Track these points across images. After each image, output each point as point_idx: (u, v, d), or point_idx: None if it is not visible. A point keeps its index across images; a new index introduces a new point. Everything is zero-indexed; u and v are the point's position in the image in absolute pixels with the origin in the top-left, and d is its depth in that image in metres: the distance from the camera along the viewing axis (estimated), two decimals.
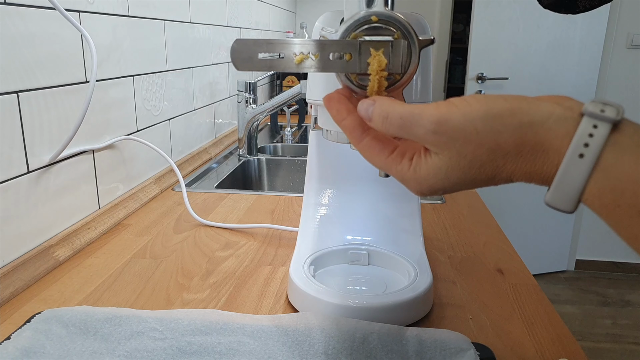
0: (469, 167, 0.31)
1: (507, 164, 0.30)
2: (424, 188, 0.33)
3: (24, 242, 0.63)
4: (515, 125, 0.29)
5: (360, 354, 0.46)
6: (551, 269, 2.72)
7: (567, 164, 0.27)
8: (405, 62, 0.37)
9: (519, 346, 0.51)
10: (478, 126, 0.30)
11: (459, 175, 0.31)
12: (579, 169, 0.27)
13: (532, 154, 0.29)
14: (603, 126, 0.27)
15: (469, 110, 0.30)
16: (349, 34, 0.37)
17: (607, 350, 2.06)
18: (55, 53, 0.67)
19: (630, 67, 2.49)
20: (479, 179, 0.31)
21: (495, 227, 0.82)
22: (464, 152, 0.30)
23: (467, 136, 0.30)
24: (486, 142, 0.30)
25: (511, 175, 0.30)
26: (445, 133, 0.31)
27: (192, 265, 0.68)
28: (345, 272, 0.62)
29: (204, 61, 1.25)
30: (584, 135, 0.27)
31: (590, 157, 0.27)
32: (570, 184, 0.28)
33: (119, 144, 0.85)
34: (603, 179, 0.27)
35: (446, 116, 0.31)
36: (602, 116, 0.27)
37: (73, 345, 0.47)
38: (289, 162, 1.34)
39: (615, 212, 0.26)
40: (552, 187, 0.28)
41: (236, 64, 0.37)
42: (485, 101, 0.30)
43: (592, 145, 0.27)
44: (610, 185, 0.26)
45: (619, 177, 0.26)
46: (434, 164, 0.32)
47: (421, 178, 0.33)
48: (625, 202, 0.26)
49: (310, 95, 0.53)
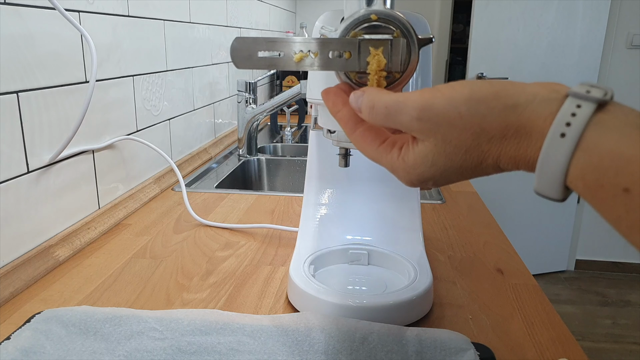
0: (455, 153, 0.31)
1: (492, 149, 0.29)
2: (413, 177, 0.33)
3: (24, 242, 0.63)
4: (499, 108, 0.29)
5: (360, 353, 0.46)
6: (551, 269, 2.72)
7: (549, 144, 0.27)
8: (404, 60, 0.37)
9: (519, 346, 0.51)
10: (462, 110, 0.29)
11: (445, 161, 0.31)
12: (560, 149, 0.26)
13: (516, 137, 0.28)
14: (587, 105, 0.26)
15: (452, 94, 0.30)
16: (348, 32, 0.37)
17: (607, 350, 2.06)
18: (55, 53, 0.67)
19: (630, 67, 2.49)
20: (467, 166, 0.31)
21: (495, 227, 0.82)
22: (449, 138, 0.30)
23: (451, 121, 0.30)
24: (470, 126, 0.29)
25: (497, 160, 0.30)
26: (429, 119, 0.30)
27: (192, 265, 0.68)
28: (345, 272, 0.62)
29: (203, 61, 1.25)
30: (567, 114, 0.27)
31: (572, 136, 0.26)
32: (552, 166, 0.27)
33: (118, 144, 0.85)
34: (585, 158, 0.26)
35: (430, 102, 0.30)
36: (586, 96, 0.27)
37: (73, 345, 0.47)
38: (288, 162, 1.34)
39: (598, 192, 0.25)
40: (537, 171, 0.28)
41: (236, 62, 0.37)
42: (470, 85, 0.30)
43: (574, 124, 0.26)
44: (593, 164, 0.25)
45: (602, 155, 0.25)
46: (420, 151, 0.32)
47: (409, 167, 0.33)
48: (608, 181, 0.25)
49: (311, 95, 0.53)
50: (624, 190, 0.24)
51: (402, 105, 0.32)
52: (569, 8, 2.31)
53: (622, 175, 0.24)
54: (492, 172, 0.31)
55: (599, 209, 0.26)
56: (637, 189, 0.24)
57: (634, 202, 0.24)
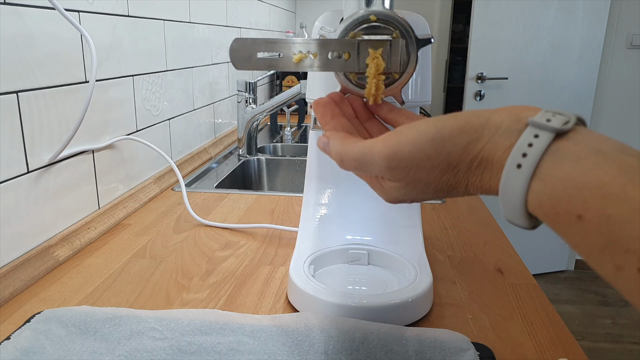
0: (426, 187, 0.32)
1: (459, 180, 0.31)
2: (390, 198, 0.35)
3: (24, 242, 0.63)
4: (463, 144, 0.29)
5: (360, 353, 0.46)
6: (551, 269, 2.72)
7: (506, 175, 0.27)
8: (403, 61, 0.37)
9: (519, 346, 0.51)
10: (428, 151, 0.30)
11: (417, 193, 0.33)
12: (517, 179, 0.27)
13: (479, 169, 0.29)
14: (544, 135, 0.27)
15: (417, 137, 0.31)
16: (347, 33, 0.37)
17: (606, 350, 2.06)
18: (55, 53, 0.67)
19: (630, 67, 2.49)
20: (440, 192, 0.32)
21: (495, 227, 0.82)
22: (418, 178, 0.32)
23: (418, 163, 0.31)
24: (437, 164, 0.30)
25: (467, 189, 0.31)
26: (398, 166, 0.31)
27: (191, 265, 0.68)
28: (345, 272, 0.62)
29: (203, 61, 1.25)
30: (524, 145, 0.27)
31: (528, 167, 0.26)
32: (512, 196, 0.27)
33: (118, 144, 0.85)
34: (541, 187, 0.26)
35: (395, 149, 0.31)
36: (544, 125, 0.27)
37: (73, 345, 0.47)
38: (288, 162, 1.34)
39: (556, 220, 0.26)
40: (500, 200, 0.28)
41: (235, 63, 0.37)
42: (434, 123, 0.31)
43: (530, 154, 0.26)
44: (547, 193, 0.26)
45: (555, 184, 0.25)
46: (393, 185, 0.34)
47: (386, 190, 0.35)
48: (562, 208, 0.25)
49: (310, 95, 0.53)
50: (577, 217, 0.24)
51: (369, 157, 0.33)
52: (568, 8, 2.31)
53: (574, 203, 0.24)
54: (465, 194, 0.32)
55: (561, 236, 0.26)
56: (589, 215, 0.24)
57: (587, 228, 0.24)
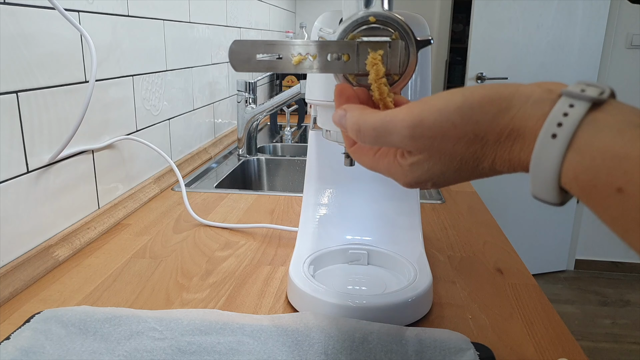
0: (450, 161, 0.30)
1: (487, 153, 0.29)
2: (410, 179, 0.33)
3: (24, 242, 0.63)
4: (493, 113, 0.28)
5: (360, 353, 0.46)
6: (551, 269, 2.72)
7: (540, 145, 0.26)
8: (403, 62, 0.37)
9: (519, 346, 0.51)
10: (455, 120, 0.29)
11: (441, 167, 0.31)
12: (552, 150, 0.25)
13: (509, 140, 0.28)
14: (580, 105, 0.25)
15: (444, 105, 0.29)
16: (347, 34, 0.37)
17: (606, 350, 2.06)
18: (55, 53, 0.67)
19: (630, 67, 2.49)
20: (464, 169, 0.31)
21: (494, 227, 0.82)
22: (443, 149, 0.30)
23: (444, 132, 0.29)
24: (464, 134, 0.29)
25: (493, 163, 0.29)
26: (422, 135, 0.30)
27: (191, 265, 0.68)
28: (345, 272, 0.62)
29: (203, 61, 1.25)
30: (559, 114, 0.26)
31: (564, 136, 0.25)
32: (545, 168, 0.26)
33: (118, 144, 0.85)
34: (578, 159, 0.25)
35: (420, 117, 0.30)
36: (580, 95, 0.26)
37: (72, 345, 0.47)
38: (288, 162, 1.34)
39: (592, 193, 0.24)
40: (530, 173, 0.27)
41: (234, 65, 0.37)
42: (462, 92, 0.29)
43: (566, 124, 0.25)
44: (585, 165, 0.24)
45: (593, 155, 0.24)
46: (415, 161, 0.32)
47: (406, 170, 0.33)
48: (601, 181, 0.24)
49: (310, 96, 0.53)
50: (617, 190, 0.23)
51: (391, 125, 0.31)
52: (568, 8, 2.31)
53: (615, 175, 0.23)
54: (490, 173, 0.30)
55: (594, 211, 0.25)
56: (630, 189, 0.23)
57: (629, 203, 0.23)
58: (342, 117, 0.34)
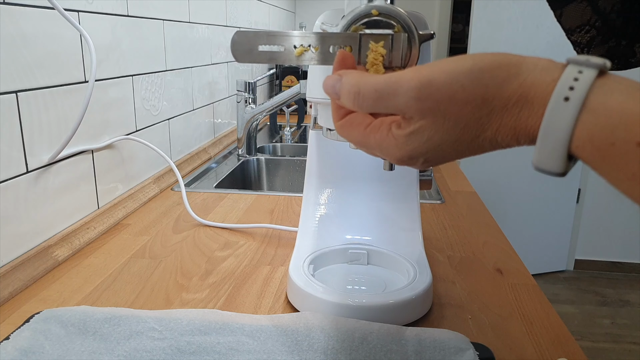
0: (453, 128, 0.29)
1: (492, 121, 0.29)
2: (404, 152, 0.31)
3: (23, 242, 0.63)
4: (502, 77, 0.28)
5: (360, 353, 0.46)
6: (550, 269, 2.72)
7: (552, 109, 0.26)
8: (405, 55, 0.37)
9: (518, 346, 0.51)
10: (464, 82, 0.28)
11: (441, 136, 0.30)
12: (564, 113, 0.26)
13: (517, 106, 0.28)
14: (589, 71, 0.26)
15: (453, 67, 0.29)
16: (349, 27, 0.37)
17: (606, 350, 2.06)
18: (55, 53, 0.67)
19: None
20: (463, 140, 0.30)
21: (494, 227, 0.82)
22: (449, 113, 0.29)
23: (452, 95, 0.29)
24: (472, 98, 0.28)
25: (496, 133, 0.29)
26: (430, 97, 0.29)
27: (191, 265, 0.68)
28: (345, 272, 0.62)
29: (203, 61, 1.25)
30: (569, 79, 0.26)
31: (577, 98, 0.25)
32: (556, 132, 0.26)
33: (118, 144, 0.85)
34: (592, 119, 0.25)
35: (428, 78, 0.29)
36: (587, 62, 0.26)
37: (72, 345, 0.47)
38: (288, 162, 1.34)
39: (610, 151, 0.24)
40: (538, 140, 0.27)
41: (236, 55, 0.37)
42: (472, 57, 0.29)
43: (577, 87, 0.26)
44: (601, 124, 0.25)
45: (610, 113, 0.25)
46: (415, 128, 0.30)
47: (401, 142, 0.31)
48: (620, 137, 0.24)
49: (310, 94, 0.53)
50: (637, 144, 0.24)
51: (397, 85, 0.30)
52: None
53: (633, 131, 0.24)
54: (488, 147, 0.30)
55: (609, 171, 0.25)
56: None
57: None
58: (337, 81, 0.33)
